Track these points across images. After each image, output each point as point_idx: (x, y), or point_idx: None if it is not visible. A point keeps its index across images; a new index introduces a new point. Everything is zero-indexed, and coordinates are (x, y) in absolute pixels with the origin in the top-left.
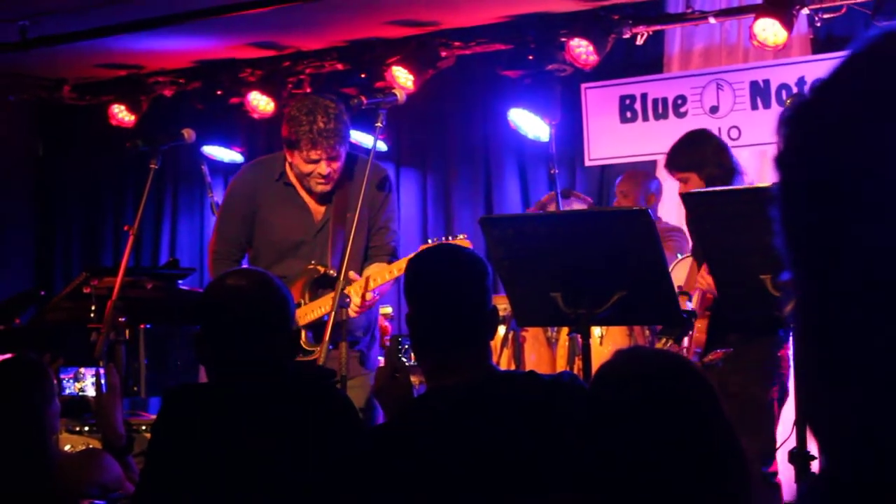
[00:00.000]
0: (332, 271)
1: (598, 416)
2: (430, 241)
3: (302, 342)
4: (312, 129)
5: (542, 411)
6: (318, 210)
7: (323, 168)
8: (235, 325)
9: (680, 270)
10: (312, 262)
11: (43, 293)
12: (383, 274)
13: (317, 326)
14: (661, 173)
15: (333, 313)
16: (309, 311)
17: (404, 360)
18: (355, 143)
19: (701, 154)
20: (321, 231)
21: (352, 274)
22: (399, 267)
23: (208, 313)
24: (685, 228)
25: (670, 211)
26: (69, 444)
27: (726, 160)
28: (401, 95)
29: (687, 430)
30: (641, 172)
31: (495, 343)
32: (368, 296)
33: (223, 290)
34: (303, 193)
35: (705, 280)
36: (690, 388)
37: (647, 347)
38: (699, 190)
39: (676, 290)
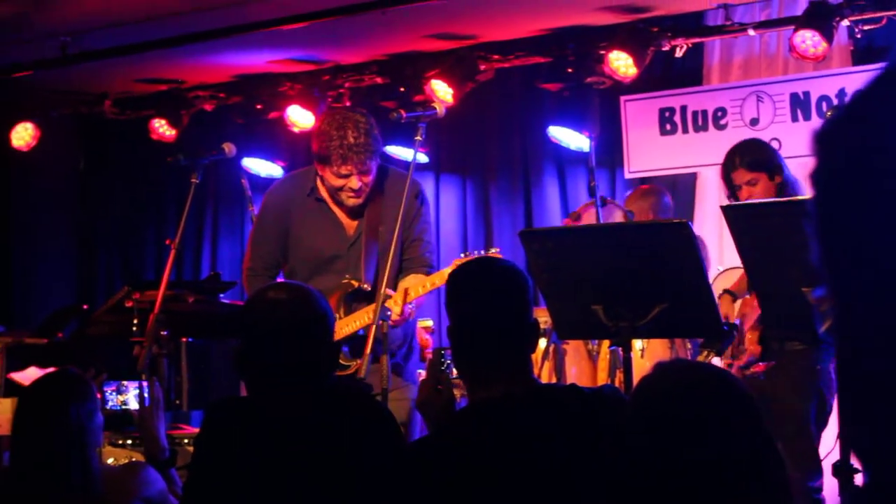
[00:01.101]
0: (365, 285)
1: (635, 428)
2: (463, 255)
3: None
4: (343, 144)
5: (583, 424)
6: (350, 224)
7: (354, 182)
8: (276, 338)
9: (723, 281)
10: (346, 276)
11: (85, 307)
12: (420, 286)
13: (352, 340)
14: (701, 185)
15: (374, 326)
16: (344, 326)
17: (447, 373)
18: (394, 157)
19: (772, 155)
20: (354, 245)
21: (387, 291)
22: (436, 279)
23: (249, 327)
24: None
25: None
26: (112, 458)
27: (787, 172)
28: (440, 109)
29: (726, 443)
30: (653, 187)
31: (536, 356)
32: (406, 308)
33: (264, 304)
34: (334, 208)
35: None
36: (729, 402)
37: (687, 360)
38: (739, 203)
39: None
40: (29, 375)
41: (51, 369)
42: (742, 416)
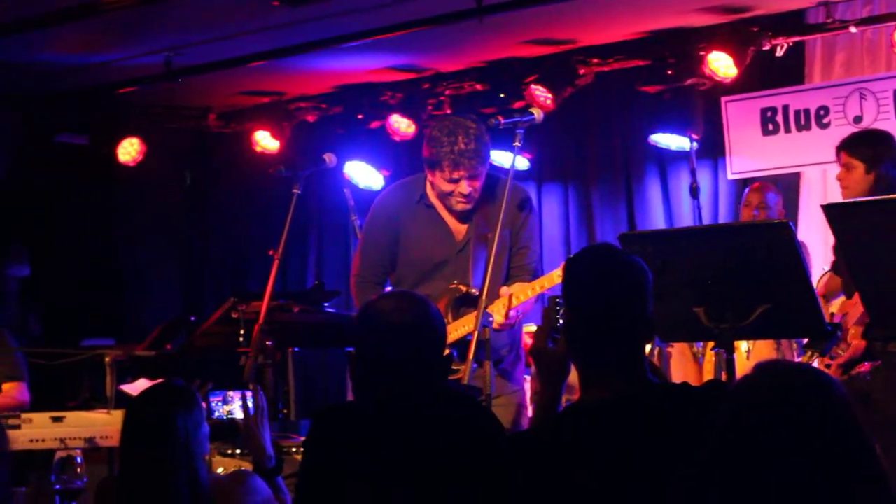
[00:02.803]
0: (473, 290)
1: (728, 426)
2: (573, 256)
3: None
4: (454, 150)
5: (694, 425)
6: (459, 230)
7: (464, 187)
8: (390, 346)
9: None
10: (455, 281)
11: (192, 319)
12: (525, 291)
13: (460, 345)
14: (805, 185)
15: (477, 332)
16: (452, 331)
17: (559, 325)
18: (495, 164)
19: (881, 151)
20: (462, 251)
21: (502, 290)
22: (541, 284)
23: (363, 335)
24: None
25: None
26: (221, 467)
27: (891, 170)
28: (538, 114)
29: (820, 447)
30: (769, 184)
31: None
32: (511, 313)
33: (378, 312)
34: (444, 214)
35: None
36: (826, 404)
37: (786, 361)
38: (841, 201)
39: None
40: (139, 388)
41: (160, 381)
42: (838, 419)
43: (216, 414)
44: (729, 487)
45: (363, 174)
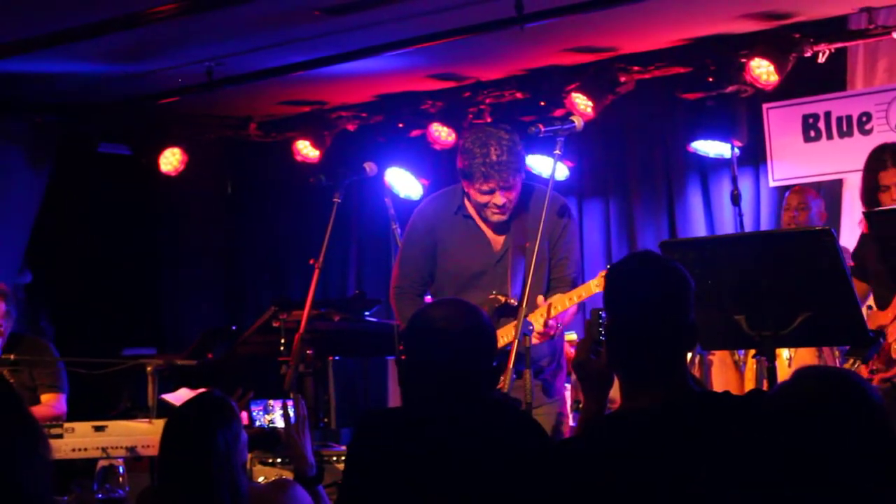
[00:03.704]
0: (513, 300)
1: (766, 431)
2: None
3: None
4: (486, 162)
5: (736, 433)
6: (496, 240)
7: (498, 199)
8: (440, 354)
9: None
10: (493, 291)
11: (234, 328)
12: (563, 301)
13: (500, 355)
14: (848, 192)
15: (516, 342)
16: None
17: (601, 338)
18: (533, 173)
19: None
20: (501, 261)
21: (539, 298)
22: (579, 293)
23: (414, 341)
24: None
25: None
26: (262, 476)
27: None
28: (579, 122)
29: (854, 454)
30: (809, 189)
31: None
32: (551, 323)
33: (430, 319)
34: (481, 224)
35: None
36: (862, 411)
37: (825, 367)
38: (883, 208)
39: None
40: (180, 397)
41: (201, 390)
42: (875, 426)
43: (257, 423)
44: (769, 493)
45: (404, 183)
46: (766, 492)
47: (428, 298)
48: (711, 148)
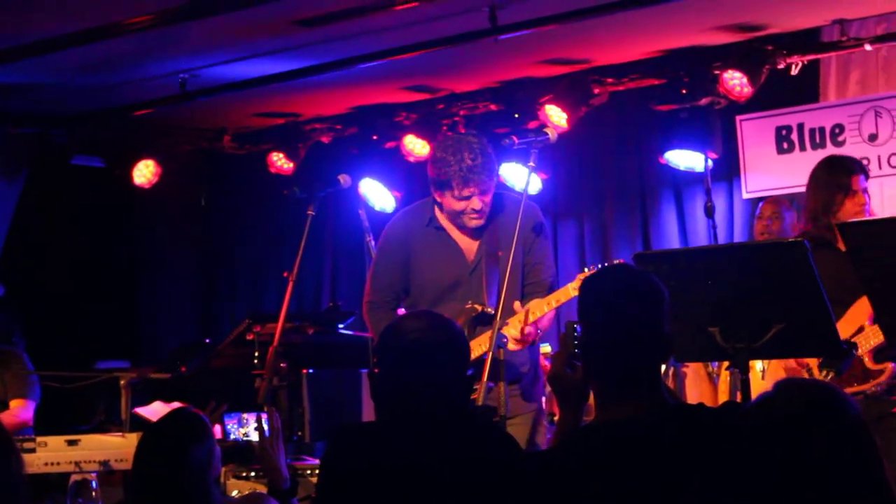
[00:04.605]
0: (489, 309)
1: (747, 443)
2: (587, 269)
3: None
4: (462, 167)
5: (710, 445)
6: (470, 250)
7: (476, 203)
8: (413, 366)
9: None
10: (470, 301)
11: (207, 341)
12: (541, 306)
13: (476, 365)
14: None
15: (490, 353)
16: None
17: (577, 351)
18: (506, 185)
19: None
20: (475, 271)
21: (516, 304)
22: (556, 297)
23: (386, 353)
24: None
25: None
26: (236, 490)
27: None
28: (552, 134)
29: (829, 463)
30: (783, 200)
31: None
32: (528, 329)
33: (402, 331)
34: (454, 235)
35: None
36: (837, 421)
37: (802, 379)
38: (855, 220)
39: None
40: (154, 410)
41: (175, 404)
42: (854, 437)
43: (231, 436)
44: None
45: (378, 194)
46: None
47: (401, 311)
48: (683, 160)
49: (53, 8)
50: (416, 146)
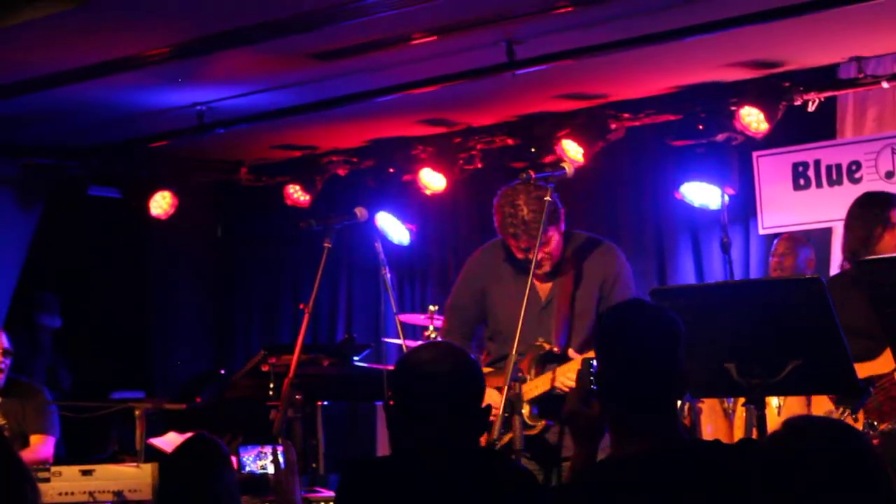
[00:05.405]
0: (556, 348)
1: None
2: None
3: (525, 416)
4: (514, 222)
5: (727, 482)
6: (543, 288)
7: (534, 255)
8: (426, 395)
9: None
10: (540, 338)
11: (223, 372)
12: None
13: (542, 402)
14: (837, 240)
15: (506, 388)
16: (533, 388)
17: (593, 388)
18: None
19: None
20: (546, 308)
21: (570, 352)
22: None
23: (399, 383)
24: None
25: None
26: None
27: None
28: (569, 169)
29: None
30: (799, 237)
31: None
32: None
33: (416, 362)
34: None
35: None
36: (853, 459)
37: (813, 416)
38: (870, 258)
39: None
40: (168, 441)
41: (189, 434)
42: (869, 474)
43: (247, 468)
44: None
45: (394, 227)
46: None
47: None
48: (698, 196)
49: (74, 40)
50: (433, 180)
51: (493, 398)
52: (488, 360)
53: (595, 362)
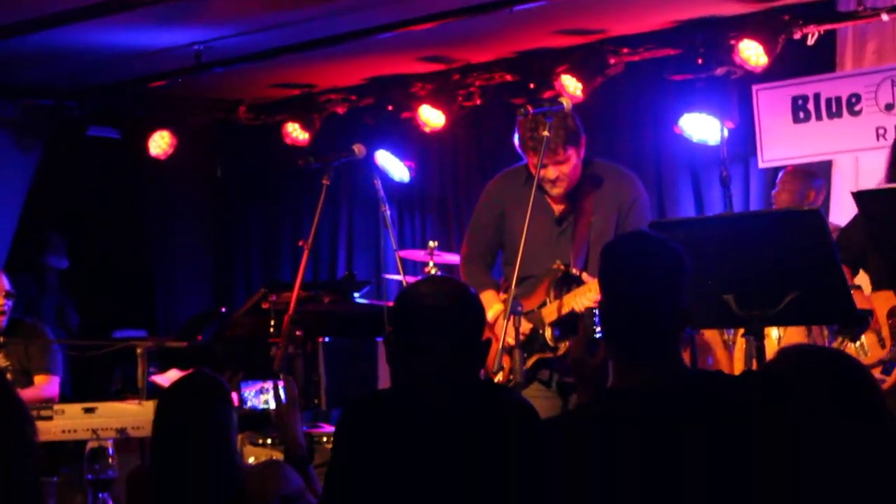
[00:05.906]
0: (574, 270)
1: (756, 411)
2: None
3: (547, 338)
4: (533, 136)
5: (731, 413)
6: (558, 209)
7: (550, 172)
8: (425, 329)
9: None
10: (557, 261)
11: (223, 310)
12: None
13: (563, 323)
14: (837, 173)
15: (505, 321)
16: (553, 310)
17: (598, 336)
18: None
19: None
20: (564, 232)
21: (584, 275)
22: None
23: (399, 317)
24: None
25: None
26: (253, 457)
27: None
28: (567, 104)
29: (850, 428)
30: (803, 170)
31: None
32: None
33: (415, 296)
34: (547, 196)
35: None
36: (848, 386)
37: (809, 345)
38: (870, 189)
39: None
40: (170, 378)
41: (189, 371)
42: (864, 403)
43: (248, 404)
44: (762, 471)
45: (393, 165)
46: (761, 469)
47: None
48: (697, 130)
49: None
50: (432, 117)
51: (492, 304)
52: (506, 286)
53: (597, 311)
